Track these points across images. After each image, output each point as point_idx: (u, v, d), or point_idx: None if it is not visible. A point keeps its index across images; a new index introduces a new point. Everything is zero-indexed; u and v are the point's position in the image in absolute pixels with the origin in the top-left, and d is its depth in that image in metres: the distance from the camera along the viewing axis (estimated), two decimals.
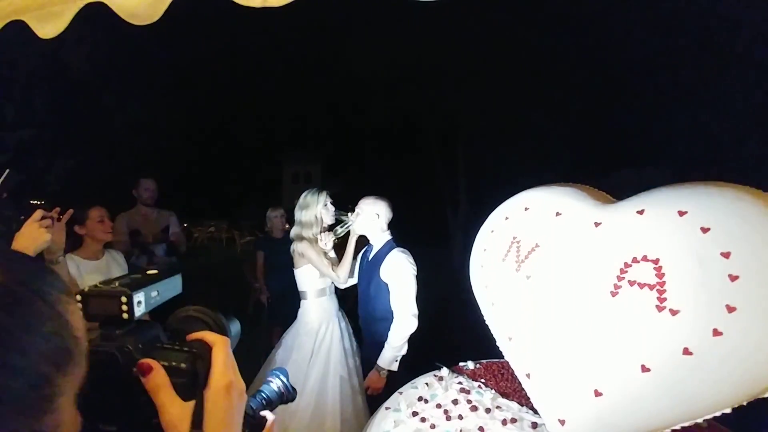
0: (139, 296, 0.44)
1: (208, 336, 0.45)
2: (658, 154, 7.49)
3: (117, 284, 0.44)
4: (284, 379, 0.63)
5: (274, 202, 3.71)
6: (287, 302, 3.03)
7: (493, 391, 1.47)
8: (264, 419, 0.57)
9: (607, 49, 7.16)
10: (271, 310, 3.50)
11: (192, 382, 0.41)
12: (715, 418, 0.97)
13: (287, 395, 0.63)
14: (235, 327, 0.55)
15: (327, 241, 2.20)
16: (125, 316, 0.43)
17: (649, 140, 7.87)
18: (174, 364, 0.41)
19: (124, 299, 0.43)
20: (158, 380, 0.40)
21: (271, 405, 0.61)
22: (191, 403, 0.40)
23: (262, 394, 0.60)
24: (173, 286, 0.51)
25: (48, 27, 1.08)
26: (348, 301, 2.77)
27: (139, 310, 0.44)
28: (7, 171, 1.34)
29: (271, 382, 0.63)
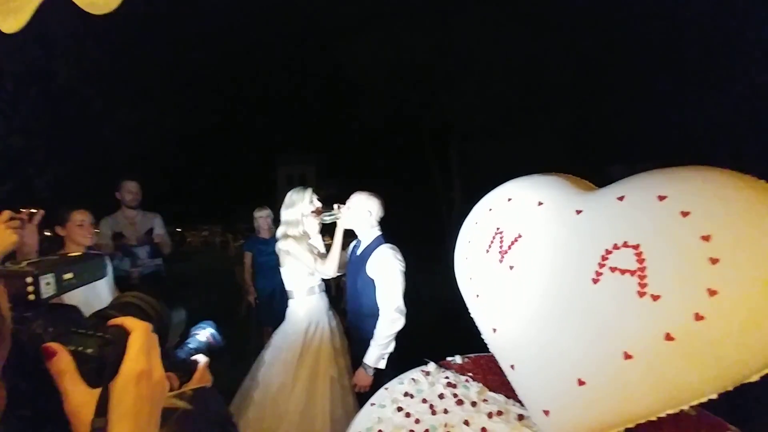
0: (47, 278, 0.42)
1: (128, 321, 0.43)
2: (650, 150, 7.53)
3: (24, 264, 0.43)
4: (212, 330, 0.64)
5: (268, 204, 3.65)
6: (277, 302, 2.99)
7: (480, 384, 1.45)
8: (195, 363, 0.57)
9: (600, 47, 7.21)
10: (261, 311, 3.46)
11: (99, 369, 0.39)
12: (704, 405, 0.95)
13: (216, 344, 0.63)
14: (179, 316, 0.53)
15: (312, 223, 2.19)
16: (31, 297, 0.41)
17: (641, 137, 7.93)
18: (81, 348, 0.39)
19: (29, 280, 0.41)
20: (62, 365, 0.38)
21: (200, 354, 0.61)
22: (98, 391, 0.39)
23: (189, 346, 0.61)
24: (95, 269, 0.50)
25: (9, 21, 1.05)
26: (341, 300, 2.74)
27: (47, 292, 0.42)
28: None
29: (197, 334, 0.62)
